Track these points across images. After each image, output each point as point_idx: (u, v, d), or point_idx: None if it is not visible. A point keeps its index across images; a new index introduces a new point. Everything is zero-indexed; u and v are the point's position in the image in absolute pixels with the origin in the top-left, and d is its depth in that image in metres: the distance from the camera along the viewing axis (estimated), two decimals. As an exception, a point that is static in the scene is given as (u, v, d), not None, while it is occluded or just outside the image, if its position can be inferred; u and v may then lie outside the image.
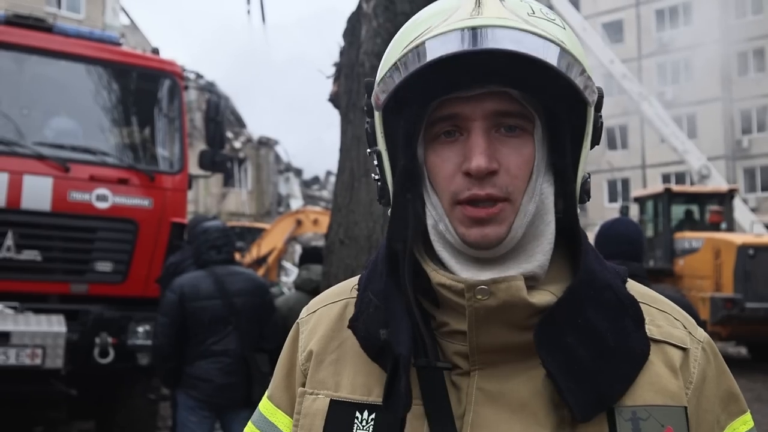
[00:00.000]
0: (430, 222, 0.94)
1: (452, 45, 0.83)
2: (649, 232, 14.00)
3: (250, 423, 1.09)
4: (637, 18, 38.73)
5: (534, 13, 0.89)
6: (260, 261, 14.48)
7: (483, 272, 0.90)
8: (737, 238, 12.27)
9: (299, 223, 14.61)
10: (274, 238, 15.21)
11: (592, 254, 0.96)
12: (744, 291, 11.51)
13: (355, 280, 1.06)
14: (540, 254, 0.92)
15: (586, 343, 0.88)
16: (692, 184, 21.34)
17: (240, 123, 33.88)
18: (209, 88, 7.08)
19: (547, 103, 0.91)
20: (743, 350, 14.30)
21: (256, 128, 34.54)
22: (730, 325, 11.73)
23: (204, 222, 5.10)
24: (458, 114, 0.90)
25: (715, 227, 13.40)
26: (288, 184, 32.25)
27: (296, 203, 27.35)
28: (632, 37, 38.51)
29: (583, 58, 0.89)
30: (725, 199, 14.04)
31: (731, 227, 13.80)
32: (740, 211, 15.42)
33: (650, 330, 0.94)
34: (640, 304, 0.96)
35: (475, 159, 0.87)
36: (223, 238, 4.62)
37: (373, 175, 1.01)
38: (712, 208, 13.84)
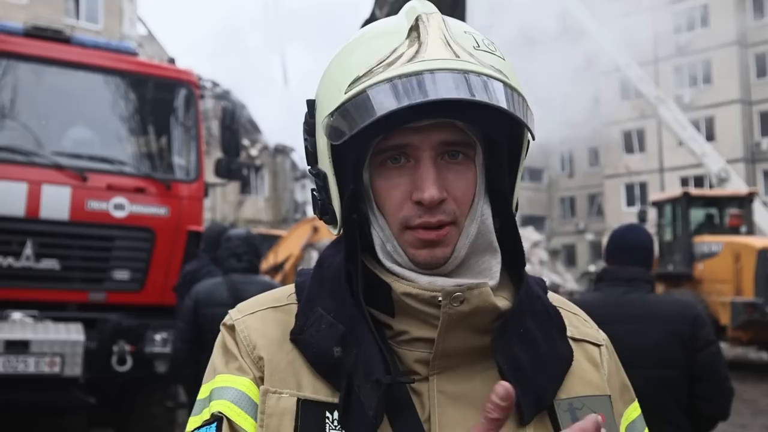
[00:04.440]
0: (377, 242, 0.98)
1: (405, 96, 0.85)
2: (668, 236, 13.89)
3: (225, 402, 0.96)
4: (653, 21, 38.53)
5: (479, 46, 0.94)
6: (277, 268, 14.54)
7: (437, 281, 0.95)
8: (757, 242, 12.15)
9: (316, 229, 14.63)
10: (290, 244, 15.25)
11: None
12: (765, 295, 11.38)
13: (287, 289, 1.07)
14: (493, 269, 0.98)
15: (526, 350, 0.96)
16: (711, 187, 21.14)
17: (256, 130, 34.07)
18: (225, 97, 7.12)
19: (487, 130, 0.96)
20: (765, 355, 14.13)
21: (272, 136, 34.74)
22: (751, 329, 11.58)
23: (230, 230, 5.14)
24: (407, 144, 0.93)
25: (734, 231, 13.27)
26: (304, 191, 32.37)
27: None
28: (648, 40, 38.28)
29: (521, 87, 0.93)
30: (745, 202, 13.90)
31: (751, 231, 13.66)
32: (760, 215, 15.25)
33: (570, 331, 1.05)
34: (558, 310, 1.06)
35: (427, 190, 0.91)
36: (245, 247, 4.64)
37: (313, 192, 1.02)
38: (732, 212, 13.71)
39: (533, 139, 0.97)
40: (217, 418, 0.95)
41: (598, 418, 0.78)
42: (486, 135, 0.97)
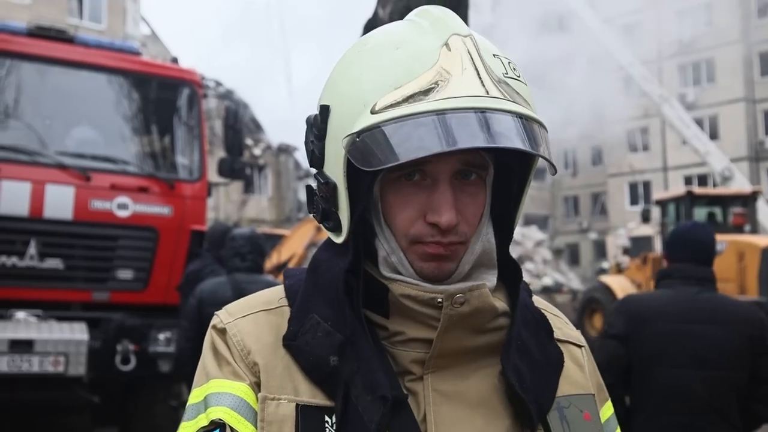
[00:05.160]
0: (381, 253, 0.97)
1: (444, 136, 0.83)
2: (672, 235, 13.85)
3: (224, 409, 0.94)
4: (657, 19, 38.44)
5: (507, 72, 0.92)
6: (280, 267, 14.55)
7: (438, 286, 0.95)
8: (761, 241, 12.10)
9: (319, 229, 14.65)
10: (294, 244, 15.28)
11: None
12: (769, 294, 11.34)
13: (276, 291, 1.05)
14: (490, 280, 0.99)
15: (525, 362, 0.98)
16: (715, 186, 21.10)
17: (259, 129, 34.09)
18: (228, 96, 7.13)
19: (503, 158, 0.98)
20: (769, 354, 14.08)
21: (275, 135, 34.76)
22: (755, 328, 11.54)
23: (234, 229, 5.15)
24: (427, 162, 0.92)
25: (738, 230, 13.23)
26: (308, 190, 32.29)
27: (316, 209, 27.28)
28: (652, 39, 38.21)
29: (536, 109, 0.93)
30: (748, 201, 13.85)
31: (755, 229, 13.61)
32: (764, 213, 15.21)
33: (555, 333, 1.07)
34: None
35: (445, 214, 0.91)
36: (249, 246, 4.64)
37: (313, 195, 1.00)
38: (736, 211, 13.65)
39: (554, 173, 0.96)
40: (218, 425, 0.93)
41: None
42: (499, 159, 0.98)
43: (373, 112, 0.88)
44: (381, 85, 0.89)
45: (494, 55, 0.93)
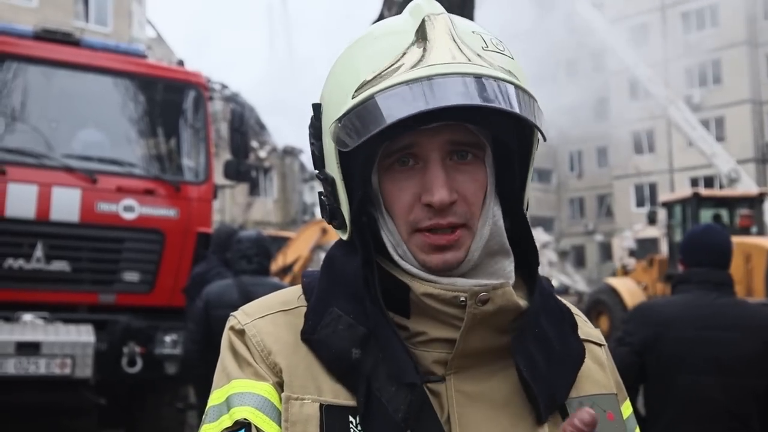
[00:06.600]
0: (388, 245, 0.97)
1: (412, 103, 0.84)
2: (678, 237, 13.82)
3: (249, 408, 0.93)
4: (663, 21, 38.38)
5: (487, 46, 0.93)
6: (286, 269, 14.57)
7: (457, 281, 0.94)
8: (768, 243, 12.06)
9: (324, 231, 14.65)
10: (299, 246, 15.30)
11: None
12: (776, 296, 11.29)
13: (294, 291, 1.05)
14: (507, 269, 0.98)
15: (541, 350, 0.96)
16: (721, 187, 21.04)
17: (265, 132, 34.15)
18: (234, 99, 7.14)
19: (496, 132, 0.95)
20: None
21: (280, 137, 34.81)
22: (762, 331, 11.48)
23: (240, 232, 5.17)
24: (414, 143, 0.92)
25: (745, 231, 13.18)
26: (313, 192, 32.42)
27: (321, 212, 27.30)
28: (658, 41, 38.16)
29: (530, 87, 0.91)
30: (755, 202, 13.82)
31: (762, 231, 13.57)
32: (771, 215, 15.14)
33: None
34: None
35: (437, 192, 0.90)
36: (255, 248, 4.65)
37: (321, 197, 1.02)
38: (742, 212, 13.61)
39: (544, 140, 0.96)
40: (243, 425, 0.92)
41: (592, 412, 0.80)
42: (495, 136, 0.97)
43: (352, 98, 0.90)
44: (360, 72, 0.92)
45: (473, 32, 0.94)
